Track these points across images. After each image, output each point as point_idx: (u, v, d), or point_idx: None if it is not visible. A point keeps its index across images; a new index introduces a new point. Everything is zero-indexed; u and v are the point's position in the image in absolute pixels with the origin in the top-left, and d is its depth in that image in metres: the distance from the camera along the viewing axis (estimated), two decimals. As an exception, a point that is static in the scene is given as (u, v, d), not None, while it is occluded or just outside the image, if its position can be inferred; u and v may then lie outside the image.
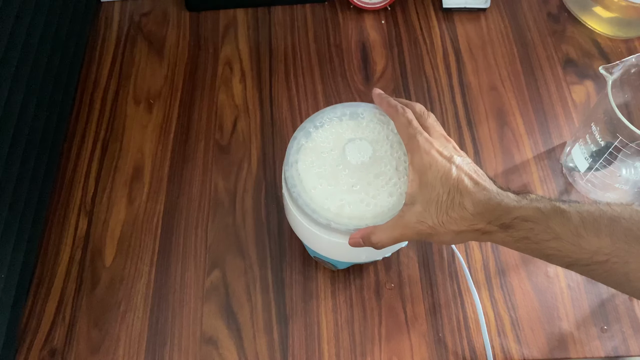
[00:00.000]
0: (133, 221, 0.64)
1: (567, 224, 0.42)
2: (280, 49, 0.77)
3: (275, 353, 0.56)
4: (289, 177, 0.51)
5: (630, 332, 0.57)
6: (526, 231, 0.43)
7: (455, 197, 0.45)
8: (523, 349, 0.56)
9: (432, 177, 0.46)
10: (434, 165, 0.46)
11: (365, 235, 0.48)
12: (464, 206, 0.44)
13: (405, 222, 0.47)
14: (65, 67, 0.69)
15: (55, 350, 0.57)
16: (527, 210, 0.43)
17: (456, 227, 0.45)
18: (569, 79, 0.75)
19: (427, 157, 0.46)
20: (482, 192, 0.45)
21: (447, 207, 0.45)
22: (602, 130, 0.59)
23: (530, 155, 0.68)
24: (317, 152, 0.53)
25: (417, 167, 0.47)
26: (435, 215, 0.45)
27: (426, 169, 0.46)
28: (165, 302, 0.59)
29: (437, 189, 0.45)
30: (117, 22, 0.80)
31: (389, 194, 0.50)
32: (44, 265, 0.62)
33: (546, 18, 0.81)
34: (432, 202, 0.45)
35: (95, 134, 0.70)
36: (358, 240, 0.49)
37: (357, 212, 0.50)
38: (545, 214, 0.43)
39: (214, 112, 0.72)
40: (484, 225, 0.44)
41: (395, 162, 0.52)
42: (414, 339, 0.57)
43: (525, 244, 0.44)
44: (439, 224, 0.45)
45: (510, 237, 0.44)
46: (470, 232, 0.45)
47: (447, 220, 0.45)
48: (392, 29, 0.79)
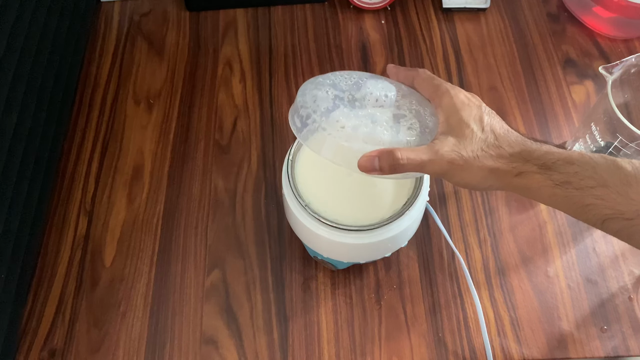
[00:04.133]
0: (133, 221, 0.64)
1: (617, 172, 0.39)
2: (280, 49, 0.77)
3: (275, 353, 0.56)
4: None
5: (630, 332, 0.57)
6: (569, 175, 0.40)
7: (489, 137, 0.43)
8: (523, 349, 0.56)
9: (466, 116, 0.44)
10: (466, 105, 0.44)
11: (384, 152, 0.43)
12: (500, 146, 0.43)
13: (436, 149, 0.43)
14: (65, 67, 0.69)
15: (55, 351, 0.57)
16: (572, 153, 0.41)
17: (491, 163, 0.42)
18: (568, 79, 0.75)
19: (458, 99, 0.45)
20: (517, 138, 0.43)
21: (482, 144, 0.43)
22: (602, 130, 0.59)
23: (530, 155, 0.68)
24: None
25: (447, 107, 0.45)
26: (470, 149, 0.43)
27: (458, 109, 0.44)
28: (165, 302, 0.59)
29: (471, 126, 0.43)
30: (117, 22, 0.80)
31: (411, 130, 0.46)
32: (44, 265, 0.62)
33: (546, 18, 0.81)
34: (467, 138, 0.43)
35: (95, 134, 0.70)
36: (371, 159, 0.43)
37: (375, 135, 0.44)
38: (594, 160, 0.40)
39: (213, 112, 0.72)
40: (521, 164, 0.42)
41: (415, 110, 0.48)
42: (414, 339, 0.57)
43: (565, 190, 0.41)
44: (473, 157, 0.43)
45: (550, 179, 0.41)
46: (504, 173, 0.42)
47: (483, 155, 0.43)
48: (392, 29, 0.79)
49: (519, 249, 0.62)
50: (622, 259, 0.61)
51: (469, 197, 0.65)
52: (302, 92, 0.48)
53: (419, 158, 0.43)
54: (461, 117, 0.44)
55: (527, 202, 0.65)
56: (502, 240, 0.63)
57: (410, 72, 0.50)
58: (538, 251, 0.62)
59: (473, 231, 0.63)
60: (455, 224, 0.64)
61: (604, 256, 0.61)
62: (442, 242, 0.62)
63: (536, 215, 0.64)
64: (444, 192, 0.66)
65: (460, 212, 0.64)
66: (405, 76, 0.50)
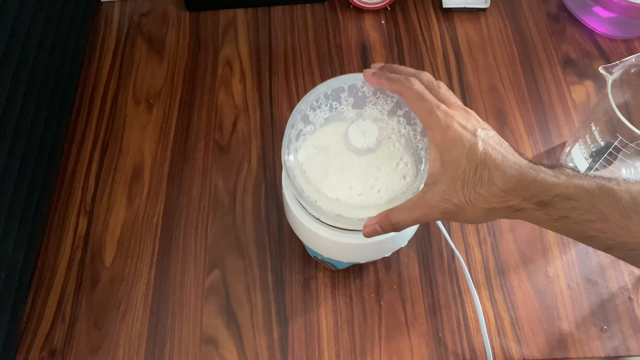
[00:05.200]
0: (133, 221, 0.64)
1: (616, 205, 0.38)
2: (280, 49, 0.77)
3: (275, 353, 0.56)
4: (289, 169, 0.51)
5: (630, 332, 0.57)
6: (567, 210, 0.40)
7: (483, 173, 0.41)
8: (523, 349, 0.56)
9: (457, 154, 0.42)
10: (458, 141, 0.42)
11: (382, 219, 0.45)
12: (494, 182, 0.41)
13: (427, 201, 0.43)
14: (65, 67, 0.69)
15: (55, 350, 0.57)
16: (568, 188, 0.40)
17: (486, 205, 0.42)
18: (568, 79, 0.75)
19: (450, 133, 0.42)
20: (513, 167, 0.41)
21: (475, 184, 0.41)
22: (602, 130, 0.59)
23: (530, 155, 0.68)
24: (317, 140, 0.50)
25: (440, 144, 0.43)
26: (461, 193, 0.42)
27: (450, 146, 0.42)
28: (165, 302, 0.59)
29: (462, 166, 0.42)
30: (117, 22, 0.80)
31: (402, 177, 0.47)
32: (44, 265, 0.62)
33: (546, 18, 0.81)
34: (458, 180, 0.42)
35: (95, 134, 0.70)
36: (374, 227, 0.45)
37: (369, 199, 0.47)
38: (590, 192, 0.39)
39: (213, 112, 0.72)
40: (517, 201, 0.41)
41: (404, 139, 0.48)
42: (414, 339, 0.57)
43: (564, 224, 0.40)
44: (466, 202, 0.42)
45: (548, 215, 0.41)
46: (501, 210, 0.42)
47: (476, 197, 0.42)
48: (392, 29, 0.79)
49: (519, 249, 0.62)
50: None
51: (469, 197, 0.65)
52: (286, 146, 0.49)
53: (413, 216, 0.44)
54: (453, 156, 0.42)
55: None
56: (502, 240, 0.63)
57: (396, 86, 0.47)
58: (538, 251, 0.62)
59: (473, 231, 0.63)
60: (455, 224, 0.64)
61: (604, 256, 0.61)
62: (442, 242, 0.62)
63: (536, 215, 0.64)
64: (444, 192, 0.66)
65: (460, 212, 0.64)
66: (391, 89, 0.48)
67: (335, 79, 0.51)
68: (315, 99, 0.50)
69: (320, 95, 0.51)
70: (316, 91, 0.51)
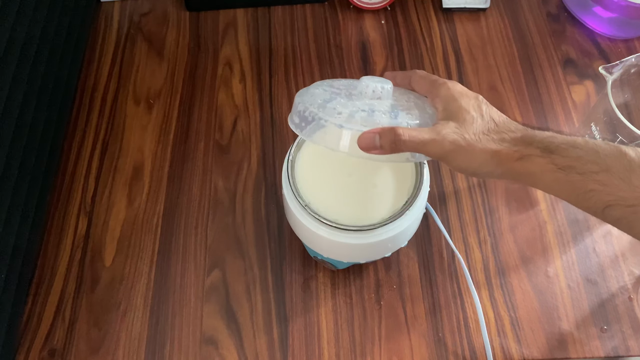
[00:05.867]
0: (133, 221, 0.64)
1: (621, 158, 0.39)
2: (280, 49, 0.77)
3: (275, 353, 0.56)
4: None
5: (630, 332, 0.57)
6: (572, 159, 0.40)
7: (490, 124, 0.43)
8: (523, 349, 0.56)
9: (464, 103, 0.44)
10: (463, 95, 0.45)
11: (385, 130, 0.43)
12: (501, 132, 0.43)
13: (438, 130, 0.43)
14: (65, 67, 0.69)
15: (55, 350, 0.57)
16: (575, 138, 0.41)
17: (494, 146, 0.42)
18: (568, 79, 0.75)
19: (455, 90, 0.45)
20: (517, 124, 0.44)
21: (483, 128, 0.43)
22: (602, 130, 0.59)
23: (530, 155, 0.68)
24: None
25: (445, 97, 0.45)
26: (472, 131, 0.43)
27: (456, 98, 0.45)
28: (165, 302, 0.59)
29: (471, 113, 0.44)
30: (117, 22, 0.80)
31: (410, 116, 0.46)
32: (44, 265, 0.62)
33: (546, 18, 0.81)
34: (468, 122, 0.43)
35: (95, 134, 0.70)
36: (372, 137, 0.43)
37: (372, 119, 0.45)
38: (597, 145, 0.40)
39: (213, 112, 0.72)
40: (523, 147, 0.42)
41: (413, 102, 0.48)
42: (414, 339, 0.57)
43: (567, 175, 0.40)
44: (475, 139, 0.42)
45: (552, 164, 0.41)
46: (505, 156, 0.42)
47: (485, 138, 0.43)
48: (392, 29, 0.79)
49: (519, 249, 0.62)
50: (622, 259, 0.61)
51: (469, 197, 0.65)
52: (299, 95, 0.49)
53: (421, 136, 0.43)
54: (460, 104, 0.44)
55: (527, 202, 0.65)
56: (502, 240, 0.63)
57: (406, 73, 0.51)
58: (538, 251, 0.62)
59: (473, 231, 0.63)
60: (455, 224, 0.64)
61: (604, 256, 0.61)
62: (442, 242, 0.62)
63: (536, 215, 0.64)
64: (444, 192, 0.66)
65: (460, 212, 0.64)
66: (402, 78, 0.51)
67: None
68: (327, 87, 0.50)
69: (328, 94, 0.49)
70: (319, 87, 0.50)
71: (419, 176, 0.52)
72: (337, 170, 0.53)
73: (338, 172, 0.53)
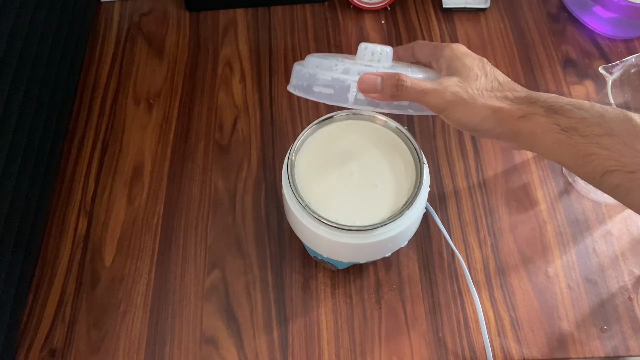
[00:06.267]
0: (133, 221, 0.64)
1: (626, 122, 0.38)
2: (280, 49, 0.77)
3: (275, 353, 0.56)
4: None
5: (630, 332, 0.57)
6: (576, 120, 0.39)
7: (493, 82, 0.43)
8: (523, 349, 0.56)
9: (468, 62, 0.44)
10: (468, 55, 0.45)
11: (388, 74, 0.43)
12: (504, 90, 0.42)
13: (441, 81, 0.43)
14: (65, 67, 0.69)
15: (55, 351, 0.57)
16: (581, 100, 0.40)
17: (496, 103, 0.42)
18: (569, 79, 0.75)
19: (459, 50, 0.45)
20: (521, 86, 0.43)
21: (487, 85, 0.43)
22: (602, 130, 0.59)
23: (530, 155, 0.68)
24: None
25: (449, 56, 0.45)
26: (474, 86, 0.42)
27: (461, 56, 0.44)
28: (165, 302, 0.59)
29: (474, 70, 0.43)
30: (117, 22, 0.80)
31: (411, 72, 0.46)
32: (44, 265, 0.62)
33: (546, 18, 0.81)
34: (471, 78, 0.43)
35: (95, 134, 0.70)
36: (374, 79, 0.43)
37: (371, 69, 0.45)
38: (603, 109, 0.39)
39: (213, 112, 0.72)
40: (527, 105, 0.41)
41: (415, 67, 0.49)
42: (414, 339, 0.57)
43: (569, 136, 0.39)
44: (478, 94, 0.42)
45: (555, 124, 0.40)
46: (507, 114, 0.41)
47: (488, 94, 0.42)
48: (392, 29, 0.79)
49: (519, 249, 0.62)
50: (622, 259, 0.61)
51: (469, 197, 0.65)
52: (296, 64, 0.50)
53: (423, 84, 0.42)
54: (464, 62, 0.44)
55: (527, 202, 0.65)
56: (502, 240, 0.63)
57: (408, 45, 0.50)
58: (538, 251, 0.62)
59: (473, 231, 0.63)
60: (455, 224, 0.64)
61: (604, 256, 0.61)
62: (442, 242, 0.62)
63: (536, 215, 0.64)
64: (444, 192, 0.66)
65: (460, 212, 0.64)
66: (404, 50, 0.50)
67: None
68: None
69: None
70: None
71: (418, 176, 0.52)
72: (337, 170, 0.53)
73: (338, 172, 0.53)
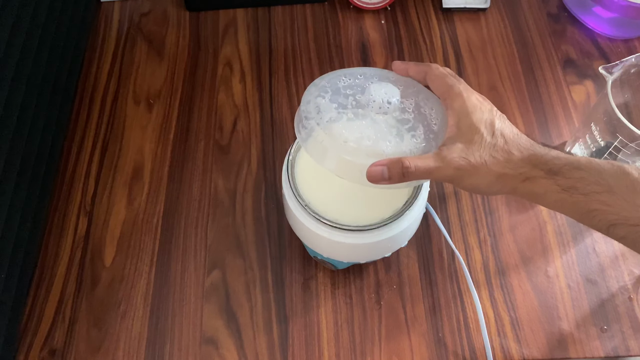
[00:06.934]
0: (133, 221, 0.64)
1: (624, 178, 0.40)
2: (280, 49, 0.77)
3: (275, 353, 0.56)
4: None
5: (630, 332, 0.57)
6: (576, 180, 0.41)
7: (499, 141, 0.43)
8: (523, 349, 0.56)
9: (476, 120, 0.44)
10: (478, 109, 0.45)
11: (393, 161, 0.44)
12: (509, 150, 0.43)
13: (443, 156, 0.44)
14: (65, 67, 0.69)
15: (55, 350, 0.57)
16: (579, 160, 0.41)
17: (500, 169, 0.43)
18: (568, 79, 0.75)
19: (470, 102, 0.45)
20: (527, 142, 0.44)
21: (491, 149, 0.43)
22: (602, 130, 0.59)
23: (530, 155, 0.68)
24: None
25: (459, 110, 0.45)
26: (478, 155, 0.43)
27: (469, 112, 0.44)
28: (165, 302, 0.59)
29: (480, 131, 0.44)
30: (117, 22, 0.80)
31: (415, 139, 0.46)
32: (44, 265, 0.62)
33: (546, 18, 0.81)
34: (475, 143, 0.43)
35: (95, 134, 0.70)
36: (380, 170, 0.44)
37: (378, 148, 0.45)
38: (601, 165, 0.41)
39: (213, 112, 0.72)
40: (529, 169, 0.42)
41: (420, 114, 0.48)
42: (414, 339, 0.57)
43: (570, 196, 0.41)
44: (481, 163, 0.43)
45: (556, 185, 0.42)
46: (512, 178, 0.43)
47: (491, 160, 0.43)
48: (392, 29, 0.79)
49: (519, 249, 0.62)
50: (622, 259, 0.61)
51: (469, 197, 0.65)
52: (306, 98, 0.49)
53: (426, 165, 0.44)
54: (472, 121, 0.44)
55: (527, 203, 0.65)
56: (502, 240, 0.63)
57: (422, 67, 0.49)
58: (538, 251, 0.62)
59: (473, 231, 0.63)
60: (455, 224, 0.64)
61: (604, 256, 0.61)
62: (442, 242, 0.62)
63: (536, 215, 0.64)
64: (444, 192, 0.66)
65: (460, 212, 0.64)
66: (417, 72, 0.49)
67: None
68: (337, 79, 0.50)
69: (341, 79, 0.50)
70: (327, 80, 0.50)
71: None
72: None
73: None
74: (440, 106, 0.48)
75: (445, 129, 0.46)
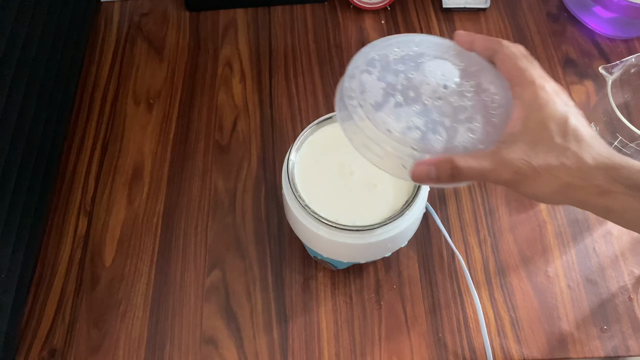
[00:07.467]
0: (133, 221, 0.64)
1: None
2: (280, 49, 0.77)
3: (275, 353, 0.56)
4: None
5: (630, 332, 0.57)
6: None
7: (571, 144, 0.36)
8: (523, 349, 0.56)
9: (546, 116, 0.37)
10: (550, 103, 0.38)
11: (442, 161, 0.38)
12: (582, 156, 0.36)
13: (502, 157, 0.37)
14: (65, 67, 0.69)
15: (55, 350, 0.57)
16: None
17: (567, 178, 0.36)
18: (568, 79, 0.75)
19: (543, 94, 0.38)
20: (603, 147, 0.37)
21: (560, 153, 0.36)
22: (602, 130, 0.59)
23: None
24: None
25: (528, 102, 0.38)
26: (542, 158, 0.37)
27: (540, 106, 0.38)
28: (165, 302, 0.59)
29: (549, 130, 0.37)
30: (117, 22, 0.80)
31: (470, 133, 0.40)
32: (44, 265, 0.62)
33: (546, 18, 0.81)
34: (541, 143, 0.37)
35: (95, 134, 0.70)
36: (427, 169, 0.38)
37: (427, 142, 0.39)
38: None
39: (213, 112, 0.72)
40: (605, 181, 0.36)
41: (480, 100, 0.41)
42: (414, 339, 0.57)
43: None
44: (545, 167, 0.36)
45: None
46: (581, 189, 0.37)
47: (558, 167, 0.36)
48: (392, 29, 0.79)
49: (519, 249, 0.62)
50: (622, 259, 0.61)
51: (469, 197, 0.65)
52: (350, 71, 0.42)
53: (481, 166, 0.38)
54: (542, 117, 0.38)
55: (527, 202, 0.65)
56: (502, 240, 0.63)
57: (491, 43, 0.42)
58: (538, 251, 0.62)
59: (473, 231, 0.63)
60: (455, 224, 0.64)
61: (604, 256, 0.61)
62: (442, 242, 0.62)
63: (536, 215, 0.64)
64: (444, 192, 0.66)
65: (460, 212, 0.64)
66: (484, 47, 0.42)
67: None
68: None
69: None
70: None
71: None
72: (337, 170, 0.53)
73: (338, 172, 0.53)
74: (506, 93, 0.41)
75: (508, 122, 0.39)
